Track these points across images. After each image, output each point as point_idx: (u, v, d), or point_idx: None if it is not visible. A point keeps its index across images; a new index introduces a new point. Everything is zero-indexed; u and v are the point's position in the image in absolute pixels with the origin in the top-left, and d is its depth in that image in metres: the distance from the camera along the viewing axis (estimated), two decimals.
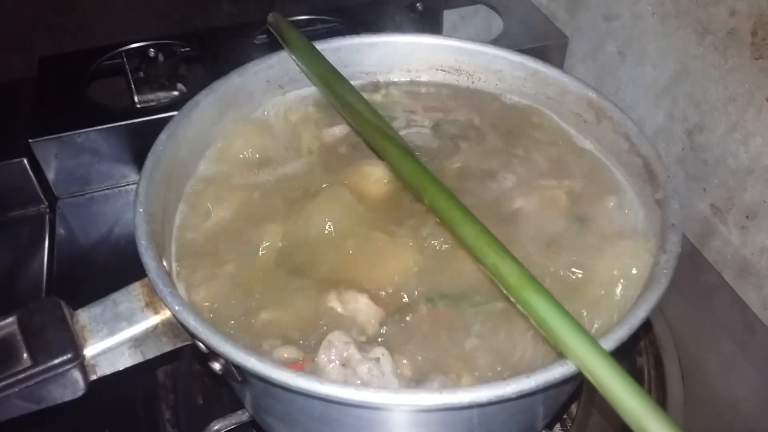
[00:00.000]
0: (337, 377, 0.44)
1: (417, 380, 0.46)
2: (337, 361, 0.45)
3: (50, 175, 0.82)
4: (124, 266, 0.77)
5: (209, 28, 0.96)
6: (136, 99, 0.91)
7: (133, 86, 0.91)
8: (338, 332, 0.46)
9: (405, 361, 0.47)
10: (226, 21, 1.03)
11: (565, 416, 0.67)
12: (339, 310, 0.48)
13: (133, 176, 0.85)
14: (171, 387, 0.66)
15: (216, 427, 0.59)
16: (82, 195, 0.84)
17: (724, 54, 0.66)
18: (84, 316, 0.46)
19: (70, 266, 0.78)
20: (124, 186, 0.85)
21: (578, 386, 0.65)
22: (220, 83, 0.60)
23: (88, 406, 0.62)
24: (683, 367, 0.67)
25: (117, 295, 0.47)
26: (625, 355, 0.68)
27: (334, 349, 0.45)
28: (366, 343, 0.47)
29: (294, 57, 0.64)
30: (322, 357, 0.45)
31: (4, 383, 0.42)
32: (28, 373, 0.42)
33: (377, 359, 0.45)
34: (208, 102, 0.59)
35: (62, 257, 0.79)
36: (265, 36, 0.92)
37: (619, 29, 0.81)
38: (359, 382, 0.44)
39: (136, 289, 0.47)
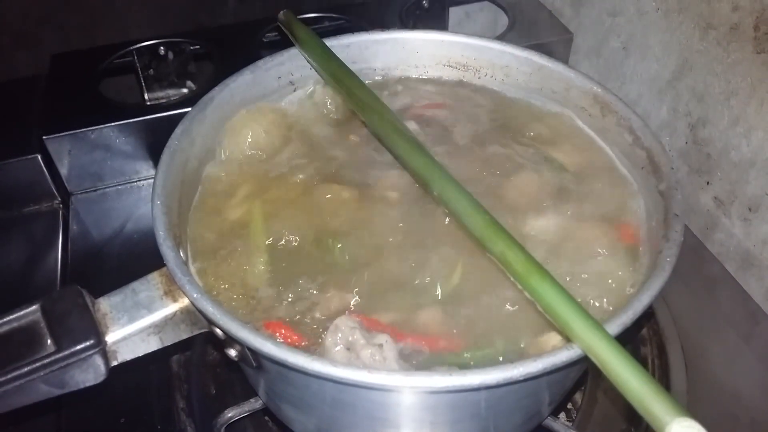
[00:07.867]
0: (341, 360, 0.46)
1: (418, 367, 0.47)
2: (341, 345, 0.46)
3: (63, 171, 0.83)
4: (137, 261, 0.79)
5: (218, 26, 0.97)
6: (146, 97, 0.92)
7: (143, 84, 0.92)
8: (345, 317, 0.47)
9: None
10: (231, 19, 1.03)
11: (569, 405, 0.68)
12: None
13: (144, 172, 0.86)
14: (184, 377, 0.67)
15: (229, 415, 0.60)
16: (95, 191, 0.86)
17: (727, 48, 0.67)
18: (105, 304, 0.47)
19: (84, 261, 0.79)
20: (136, 181, 0.86)
21: (583, 375, 0.66)
22: (232, 79, 0.62)
23: (105, 395, 0.63)
24: (686, 357, 0.67)
25: (136, 284, 0.48)
26: (628, 345, 0.69)
27: (340, 333, 0.46)
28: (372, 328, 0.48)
29: (305, 54, 0.65)
30: (328, 340, 0.46)
31: (29, 368, 0.43)
32: (53, 358, 0.44)
33: (380, 345, 0.46)
34: (221, 98, 0.60)
35: (76, 252, 0.80)
36: (274, 34, 0.93)
37: (624, 25, 0.82)
38: (362, 365, 0.45)
39: (154, 278, 0.48)
